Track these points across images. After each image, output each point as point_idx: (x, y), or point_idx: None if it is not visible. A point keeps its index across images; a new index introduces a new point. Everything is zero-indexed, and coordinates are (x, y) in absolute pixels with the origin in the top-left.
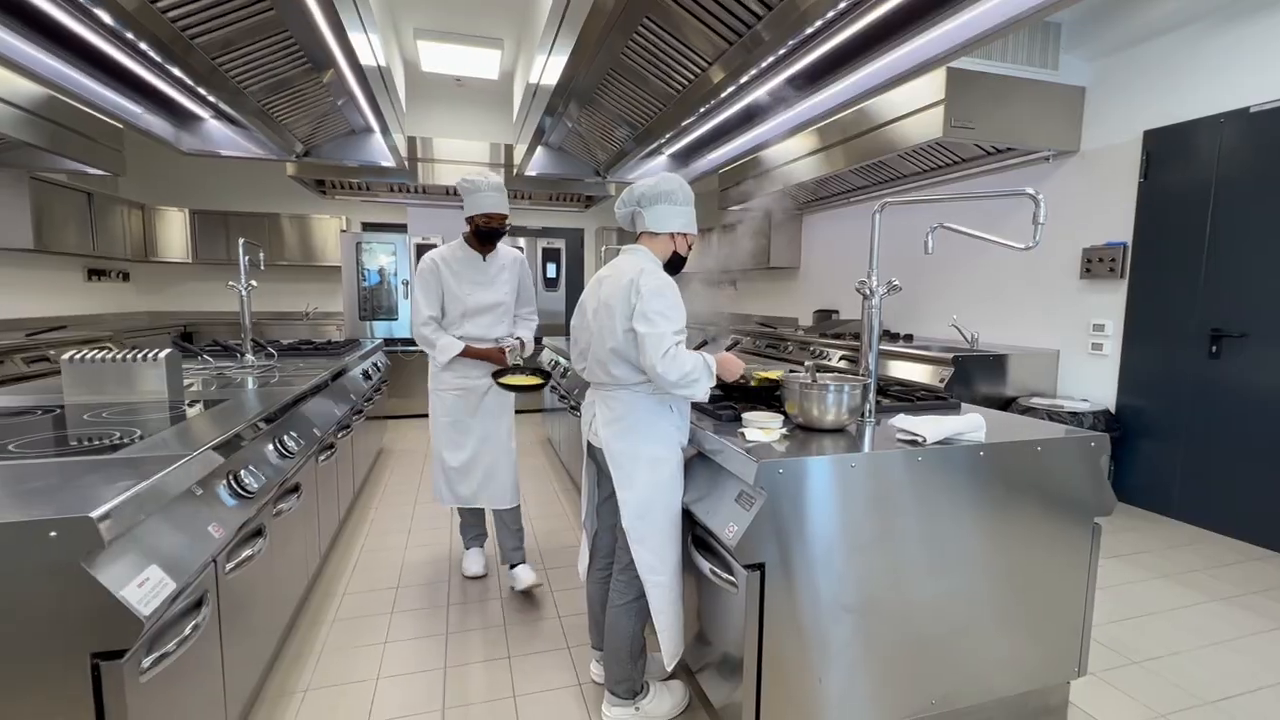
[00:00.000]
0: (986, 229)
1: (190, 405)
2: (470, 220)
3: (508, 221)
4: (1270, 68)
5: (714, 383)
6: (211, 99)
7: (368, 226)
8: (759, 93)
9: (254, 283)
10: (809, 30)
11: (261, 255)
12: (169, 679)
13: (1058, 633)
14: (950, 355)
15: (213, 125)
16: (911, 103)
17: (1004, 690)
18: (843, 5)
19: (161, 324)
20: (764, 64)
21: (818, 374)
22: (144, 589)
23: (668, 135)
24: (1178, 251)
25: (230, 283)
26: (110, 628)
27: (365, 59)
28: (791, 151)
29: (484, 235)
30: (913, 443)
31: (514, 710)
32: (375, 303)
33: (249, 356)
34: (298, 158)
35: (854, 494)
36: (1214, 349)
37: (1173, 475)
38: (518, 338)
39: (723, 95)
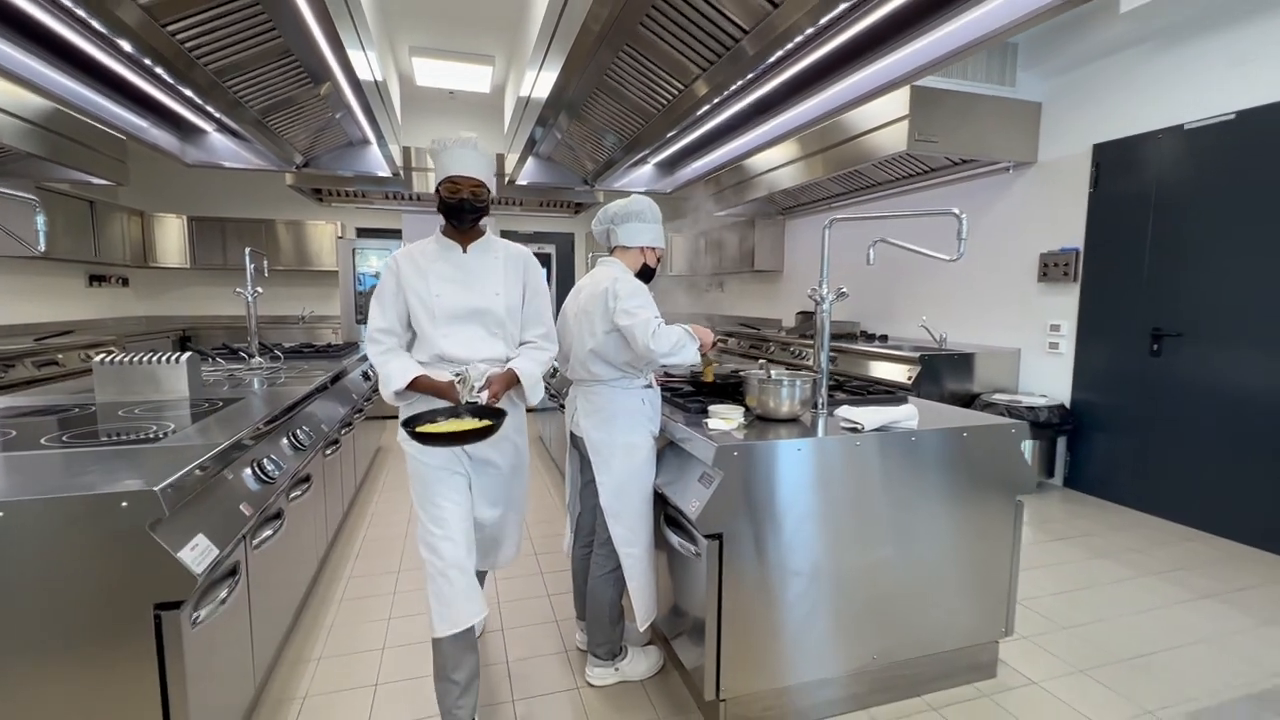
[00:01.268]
0: (951, 235)
1: (211, 403)
2: (437, 194)
3: (487, 194)
4: (1200, 89)
5: (698, 344)
6: (216, 114)
7: (363, 232)
8: (736, 109)
9: (259, 289)
10: (779, 54)
11: (265, 263)
12: (211, 635)
13: (986, 597)
14: (918, 354)
15: (216, 138)
16: (879, 117)
17: (938, 647)
18: (802, 37)
19: (160, 328)
20: (735, 86)
21: (772, 370)
22: (195, 552)
23: (652, 147)
24: (1123, 256)
25: (237, 289)
26: (169, 583)
27: (363, 74)
28: (773, 160)
29: (451, 210)
30: (854, 430)
31: (507, 675)
32: None
33: (256, 359)
34: (297, 168)
35: (800, 474)
36: (1155, 347)
37: (1120, 465)
38: (506, 370)
39: (700, 113)
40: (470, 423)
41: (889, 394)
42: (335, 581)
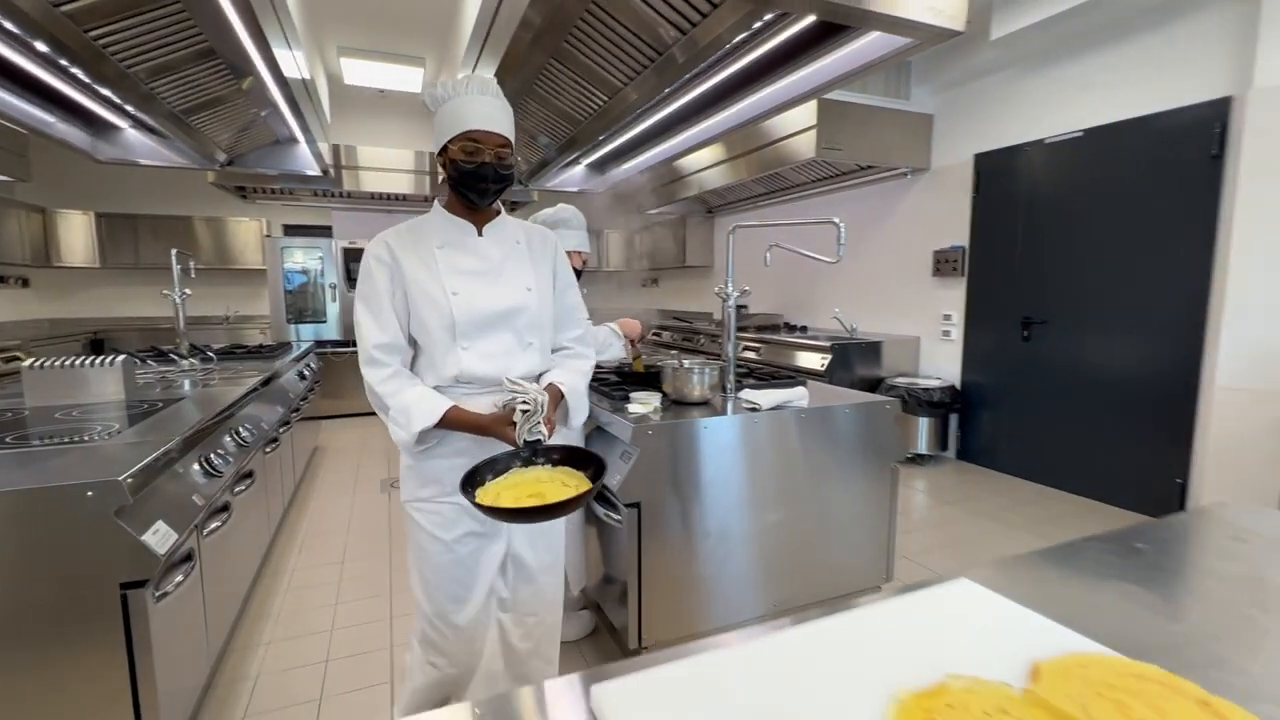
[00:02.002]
0: (860, 233)
1: (150, 404)
2: (444, 156)
3: (511, 155)
4: (1056, 109)
5: (624, 341)
6: (132, 111)
7: (290, 229)
8: (660, 116)
9: (189, 290)
10: (696, 70)
11: (192, 264)
12: (170, 614)
13: (868, 549)
14: (831, 344)
15: (131, 135)
16: (792, 126)
17: (828, 593)
18: (713, 59)
19: (66, 332)
20: (658, 97)
21: (686, 360)
22: (156, 535)
23: (583, 149)
24: (999, 253)
25: (164, 291)
26: (134, 563)
27: (290, 73)
28: (701, 162)
29: (467, 179)
30: (753, 409)
31: None
32: (302, 306)
33: (188, 360)
34: (221, 166)
35: (707, 448)
36: (1025, 334)
37: (1000, 437)
38: (546, 386)
39: (626, 120)
40: (565, 478)
41: (790, 378)
42: (280, 573)
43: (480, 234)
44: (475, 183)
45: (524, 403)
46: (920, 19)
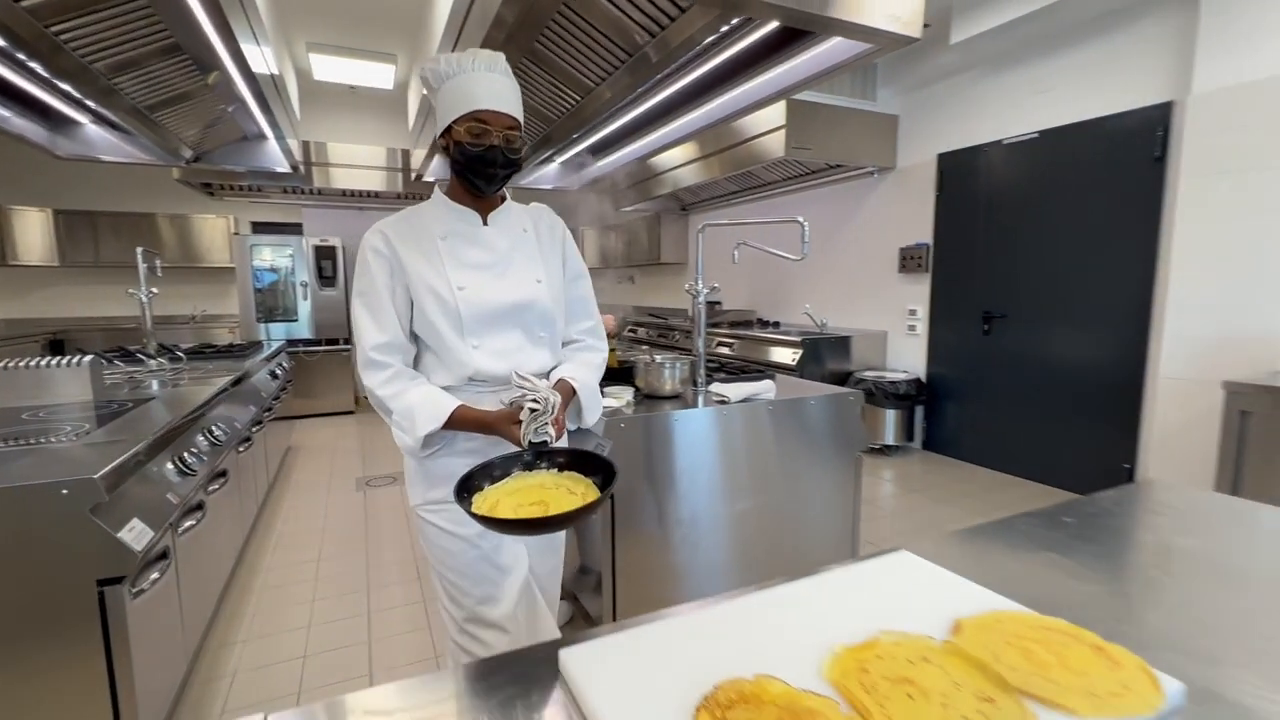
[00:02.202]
0: (829, 230)
1: (120, 404)
2: (448, 138)
3: (519, 137)
4: (1013, 111)
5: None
6: (94, 107)
7: (258, 226)
8: (632, 115)
9: (155, 289)
10: (666, 71)
11: (159, 261)
12: (147, 611)
13: (834, 536)
14: (802, 339)
15: (92, 130)
16: (762, 125)
17: (797, 575)
18: (681, 61)
19: (23, 332)
20: (629, 97)
21: (658, 355)
22: (133, 533)
23: (556, 148)
24: (961, 250)
25: (130, 290)
26: (111, 560)
27: (258, 68)
28: (675, 159)
29: (474, 164)
30: (722, 402)
31: (429, 637)
32: (272, 304)
33: (156, 360)
34: (187, 163)
35: (677, 440)
36: (986, 328)
37: (963, 428)
38: (556, 382)
39: (599, 119)
40: (572, 485)
41: (759, 372)
42: (255, 572)
43: (486, 223)
44: (482, 167)
45: (533, 401)
46: (879, 25)
